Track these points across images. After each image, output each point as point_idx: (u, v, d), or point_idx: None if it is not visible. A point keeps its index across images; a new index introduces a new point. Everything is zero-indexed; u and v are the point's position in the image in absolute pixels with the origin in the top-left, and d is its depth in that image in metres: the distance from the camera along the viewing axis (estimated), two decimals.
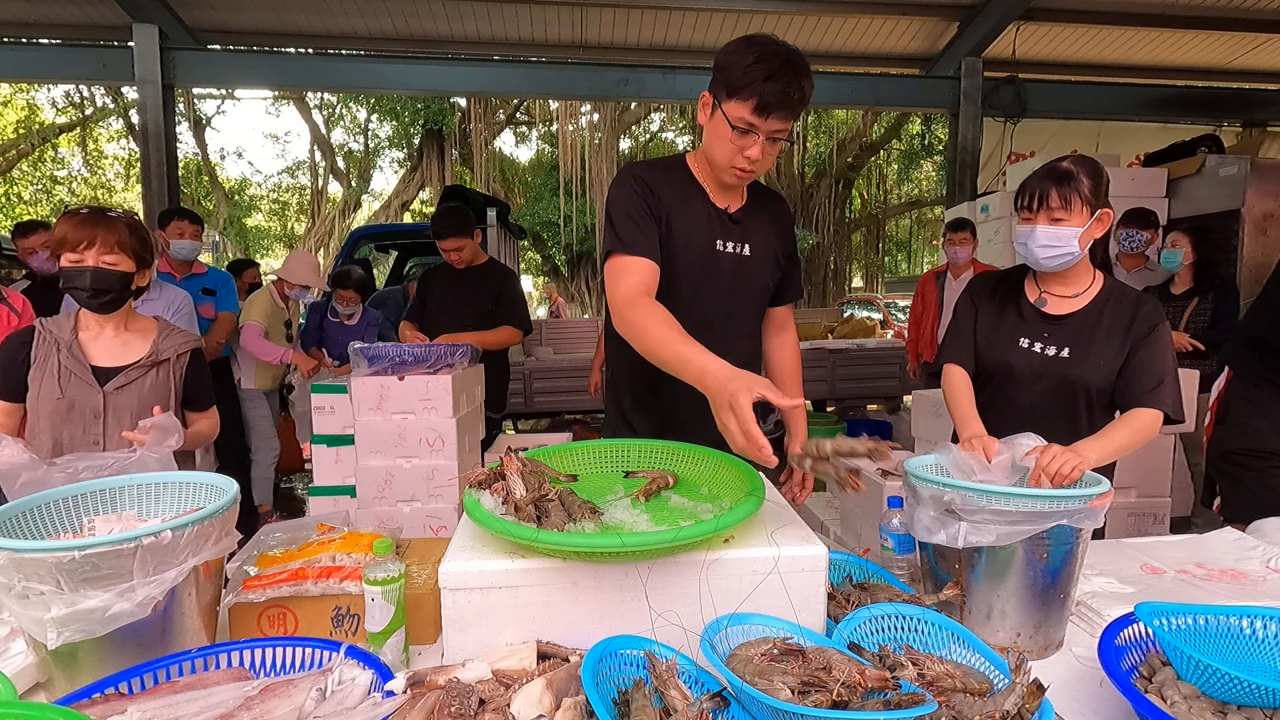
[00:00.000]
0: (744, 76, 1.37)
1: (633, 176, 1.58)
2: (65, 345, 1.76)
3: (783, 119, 1.41)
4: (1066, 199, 1.57)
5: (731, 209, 1.62)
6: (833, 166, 15.94)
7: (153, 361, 1.82)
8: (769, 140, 1.43)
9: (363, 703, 0.92)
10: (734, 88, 1.39)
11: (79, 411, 1.74)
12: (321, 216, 17.11)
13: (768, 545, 1.08)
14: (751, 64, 1.37)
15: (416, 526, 2.80)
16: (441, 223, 3.32)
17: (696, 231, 1.59)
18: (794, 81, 1.37)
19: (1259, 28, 6.50)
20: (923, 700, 0.83)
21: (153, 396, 1.80)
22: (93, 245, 1.71)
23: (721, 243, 1.61)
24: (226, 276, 4.00)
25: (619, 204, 1.55)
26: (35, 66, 6.25)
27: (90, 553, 0.93)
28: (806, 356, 6.37)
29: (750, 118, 1.39)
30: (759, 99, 1.36)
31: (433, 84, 6.58)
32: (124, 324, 1.85)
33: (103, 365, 1.79)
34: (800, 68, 1.39)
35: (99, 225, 1.73)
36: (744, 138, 1.42)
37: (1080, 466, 1.30)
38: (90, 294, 1.73)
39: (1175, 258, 3.71)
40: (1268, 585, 1.40)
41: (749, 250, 1.63)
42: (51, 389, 1.73)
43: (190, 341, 1.91)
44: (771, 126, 1.41)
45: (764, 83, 1.35)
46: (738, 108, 1.40)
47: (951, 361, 1.77)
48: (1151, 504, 3.24)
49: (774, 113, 1.38)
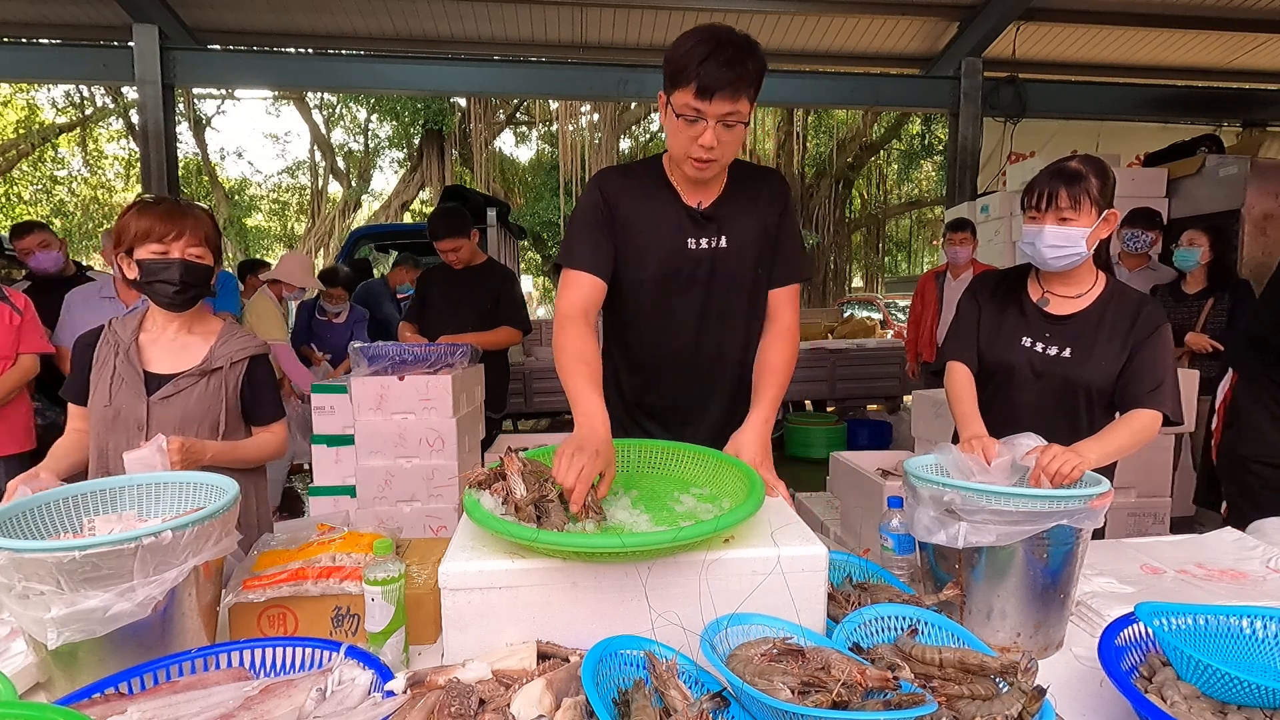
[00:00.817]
0: (682, 62, 1.35)
1: (597, 187, 1.59)
2: (124, 349, 1.65)
3: (729, 99, 1.36)
4: (1076, 199, 1.57)
5: (704, 204, 1.58)
6: (833, 166, 15.94)
7: (203, 370, 1.67)
8: (722, 126, 1.39)
9: (363, 703, 0.92)
10: (676, 77, 1.37)
11: (124, 421, 1.62)
12: (321, 216, 17.12)
13: (768, 545, 1.08)
14: (688, 49, 1.35)
15: (416, 526, 2.80)
16: (438, 223, 3.32)
17: (664, 233, 1.57)
18: (735, 61, 1.34)
19: (1259, 28, 6.50)
20: (923, 700, 0.83)
21: (199, 409, 1.65)
22: (180, 237, 1.59)
23: (694, 241, 1.58)
24: (227, 276, 3.99)
25: (577, 215, 1.60)
26: (35, 66, 6.26)
27: (90, 553, 0.93)
28: (806, 357, 6.40)
29: (695, 103, 1.36)
30: (699, 81, 1.34)
31: (433, 84, 6.58)
32: (189, 325, 1.72)
33: (156, 372, 1.66)
34: (742, 47, 1.36)
35: (186, 216, 1.62)
36: (693, 125, 1.39)
37: (1080, 467, 1.30)
38: (179, 288, 1.61)
39: (1192, 256, 3.61)
40: (1268, 585, 1.40)
41: (725, 242, 1.59)
42: (102, 395, 1.63)
43: (249, 348, 1.74)
44: (719, 109, 1.37)
45: (701, 64, 1.33)
46: (682, 95, 1.37)
47: (955, 359, 1.77)
48: (1151, 504, 3.24)
49: (717, 94, 1.34)
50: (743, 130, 1.43)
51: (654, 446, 1.45)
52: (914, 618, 1.08)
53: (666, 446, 1.44)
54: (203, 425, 1.66)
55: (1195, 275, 3.69)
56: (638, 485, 1.36)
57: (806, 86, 6.74)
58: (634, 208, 1.57)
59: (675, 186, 1.59)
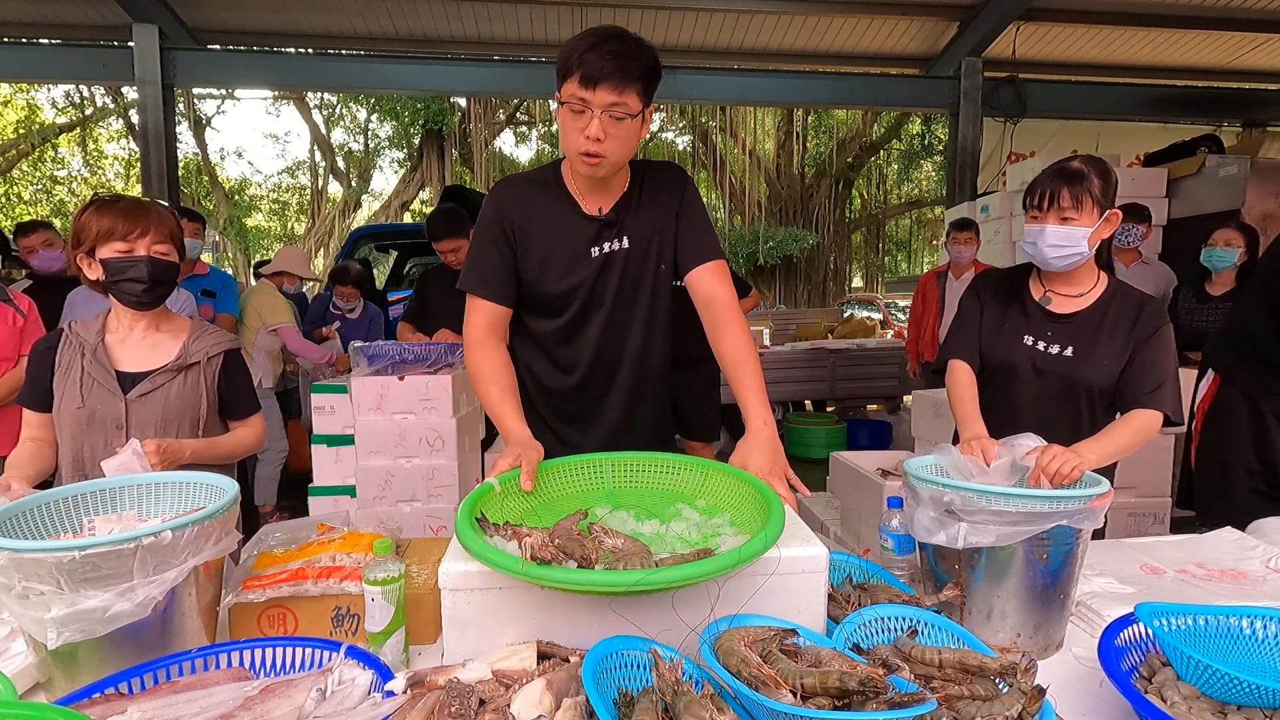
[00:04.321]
0: (569, 54, 1.36)
1: (494, 201, 1.56)
2: (90, 350, 1.62)
3: (614, 89, 1.34)
4: (1078, 199, 1.57)
5: (605, 209, 1.55)
6: (833, 166, 15.95)
7: (180, 366, 1.66)
8: (609, 118, 1.37)
9: (363, 703, 0.92)
10: (563, 69, 1.37)
11: (100, 422, 1.60)
12: (321, 216, 17.13)
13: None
14: (575, 42, 1.36)
15: (416, 526, 2.81)
16: (436, 224, 3.32)
17: (563, 245, 1.54)
18: (618, 52, 1.34)
19: (1259, 28, 6.50)
20: (923, 699, 0.83)
21: (179, 404, 1.64)
22: (145, 235, 1.58)
23: (596, 249, 1.55)
24: (228, 278, 3.99)
25: (476, 234, 1.57)
26: (35, 66, 6.26)
27: (90, 553, 0.93)
28: (806, 357, 6.41)
29: (580, 92, 1.35)
30: (583, 70, 1.33)
31: (433, 84, 6.58)
32: (156, 324, 1.70)
33: (128, 370, 1.64)
34: (629, 41, 1.36)
35: (150, 214, 1.60)
36: (580, 116, 1.37)
37: (1080, 467, 1.30)
38: (147, 286, 1.59)
39: (1230, 257, 3.45)
40: (1268, 585, 1.40)
41: (627, 242, 1.57)
42: (73, 397, 1.60)
43: (223, 342, 1.74)
44: (604, 99, 1.35)
45: (585, 53, 1.33)
46: (569, 86, 1.37)
47: (956, 357, 1.77)
48: (1151, 504, 3.24)
49: (601, 83, 1.33)
50: (633, 126, 1.41)
51: (633, 460, 1.39)
52: (914, 618, 1.08)
53: (648, 458, 1.39)
54: (183, 422, 1.65)
55: (1224, 277, 3.53)
56: (626, 503, 1.30)
57: (806, 86, 6.74)
58: (532, 221, 1.54)
59: (574, 195, 1.56)
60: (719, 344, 1.53)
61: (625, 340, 1.63)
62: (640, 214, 1.58)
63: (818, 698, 0.83)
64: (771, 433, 1.42)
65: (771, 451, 1.37)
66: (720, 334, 1.53)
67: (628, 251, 1.57)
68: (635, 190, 1.59)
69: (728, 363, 1.52)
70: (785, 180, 16.19)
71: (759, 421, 1.43)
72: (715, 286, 1.56)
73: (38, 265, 3.66)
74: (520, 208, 1.55)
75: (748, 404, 1.46)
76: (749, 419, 1.45)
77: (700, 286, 1.57)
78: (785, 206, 16.06)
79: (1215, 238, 3.54)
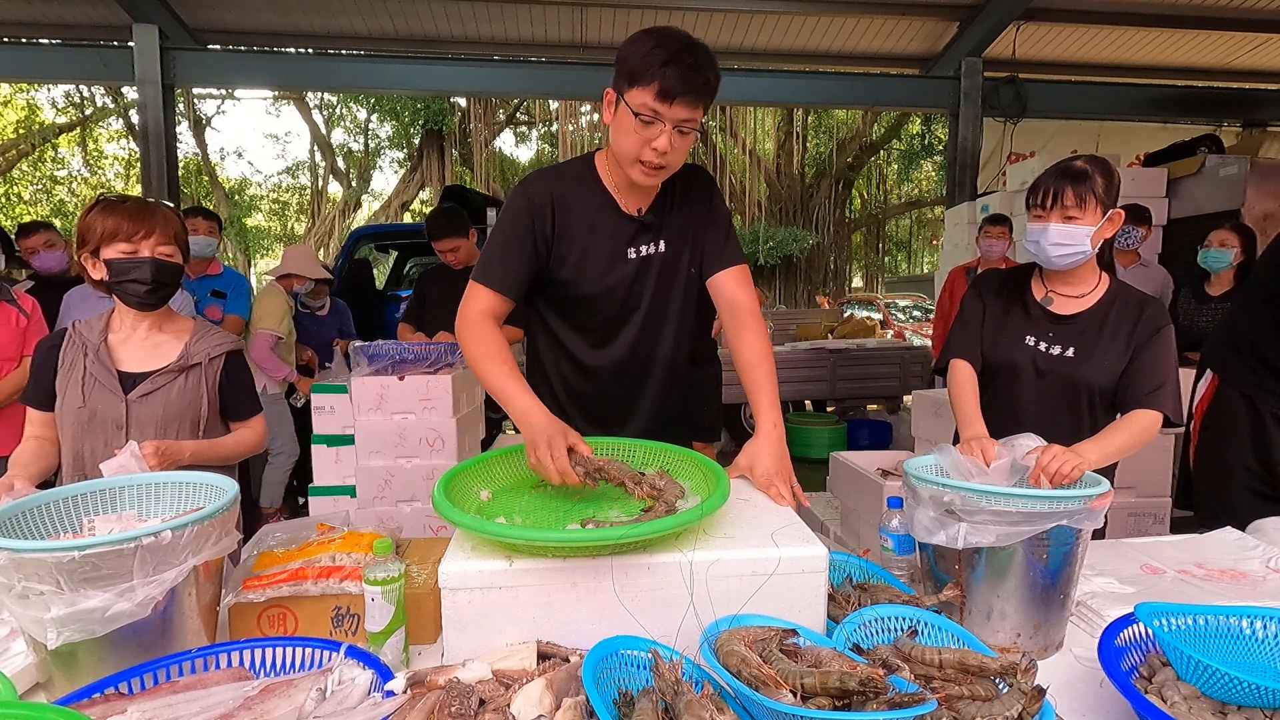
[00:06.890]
0: (644, 62, 1.31)
1: (525, 196, 1.50)
2: (92, 349, 1.62)
3: (688, 106, 1.34)
4: (1081, 198, 1.57)
5: (642, 210, 1.54)
6: (833, 166, 15.96)
7: (181, 366, 1.66)
8: (677, 132, 1.36)
9: (363, 703, 0.92)
10: (635, 75, 1.33)
11: (100, 422, 1.60)
12: (321, 216, 17.14)
13: (768, 546, 1.08)
14: (651, 49, 1.31)
15: (416, 526, 2.80)
16: (435, 224, 3.32)
17: (601, 244, 1.52)
18: (696, 67, 1.32)
19: (1259, 28, 6.50)
20: (923, 699, 0.83)
21: (179, 405, 1.65)
22: (150, 236, 1.58)
23: (633, 250, 1.54)
24: (240, 279, 3.98)
25: (499, 226, 1.51)
26: (35, 66, 6.26)
27: (90, 553, 0.93)
28: (806, 357, 6.40)
29: (654, 104, 1.33)
30: (660, 83, 1.30)
31: (433, 84, 6.58)
32: (159, 324, 1.70)
33: (130, 371, 1.64)
34: (703, 54, 1.34)
35: (155, 215, 1.60)
36: (649, 127, 1.35)
37: (1080, 467, 1.30)
38: (151, 287, 1.59)
39: (1225, 258, 3.49)
40: (1268, 585, 1.40)
41: (663, 246, 1.56)
42: (74, 397, 1.60)
43: (225, 344, 1.74)
44: (677, 114, 1.34)
45: (663, 67, 1.30)
46: (640, 95, 1.33)
47: (958, 357, 1.77)
48: (1151, 504, 3.24)
49: (678, 98, 1.32)
50: (693, 139, 1.41)
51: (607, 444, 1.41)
52: (914, 618, 1.08)
53: (622, 443, 1.42)
54: (184, 423, 1.66)
55: (1222, 277, 3.57)
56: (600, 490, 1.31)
57: (806, 86, 6.73)
58: (570, 216, 1.51)
59: (611, 192, 1.53)
60: (738, 346, 1.56)
61: (658, 343, 1.63)
62: (675, 217, 1.58)
63: (818, 698, 0.83)
64: (780, 436, 1.45)
65: (778, 456, 1.41)
66: (740, 336, 1.56)
67: (663, 255, 1.57)
68: (668, 192, 1.58)
69: (744, 364, 1.55)
70: (785, 180, 16.20)
71: (769, 424, 1.46)
72: (739, 292, 1.58)
73: (39, 266, 3.67)
74: (557, 205, 1.50)
75: (760, 406, 1.50)
76: (759, 420, 1.48)
77: (725, 291, 1.59)
78: (785, 206, 16.08)
79: (1211, 238, 3.58)
